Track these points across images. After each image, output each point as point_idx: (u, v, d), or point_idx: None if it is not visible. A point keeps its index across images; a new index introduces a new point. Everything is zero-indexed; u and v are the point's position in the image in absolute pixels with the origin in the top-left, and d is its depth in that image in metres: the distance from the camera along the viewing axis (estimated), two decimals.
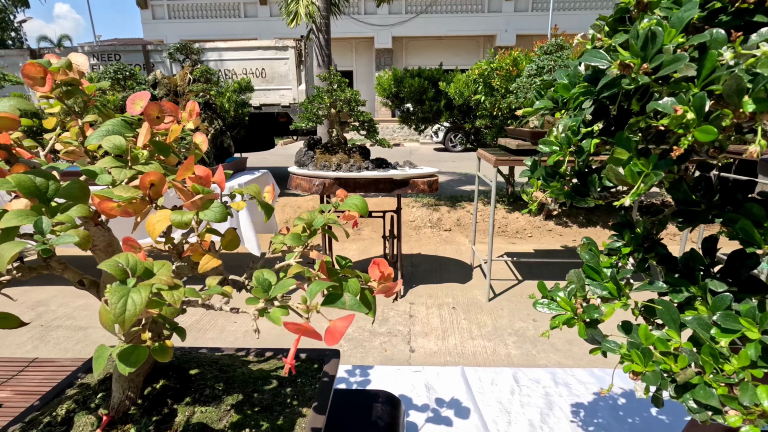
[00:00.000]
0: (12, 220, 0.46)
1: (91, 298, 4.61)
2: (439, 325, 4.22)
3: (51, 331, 3.97)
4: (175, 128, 0.63)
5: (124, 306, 0.41)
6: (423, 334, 3.97)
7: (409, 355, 3.68)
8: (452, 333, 4.06)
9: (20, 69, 0.56)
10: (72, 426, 0.71)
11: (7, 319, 0.56)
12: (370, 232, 6.98)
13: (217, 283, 0.56)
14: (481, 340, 3.96)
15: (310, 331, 0.43)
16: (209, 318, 4.10)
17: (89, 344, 3.81)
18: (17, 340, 3.78)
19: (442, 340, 3.93)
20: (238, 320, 4.00)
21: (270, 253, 0.68)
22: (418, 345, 3.77)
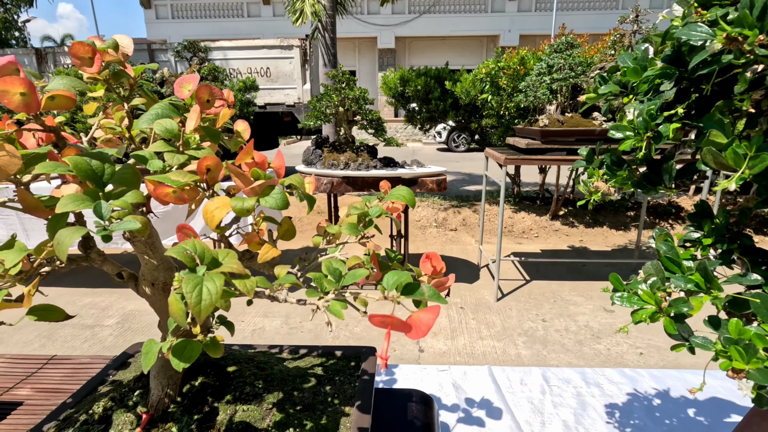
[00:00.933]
0: (69, 204, 0.43)
1: (98, 297, 4.58)
2: (448, 325, 4.19)
3: (58, 329, 3.95)
4: (225, 113, 0.60)
5: (200, 295, 0.39)
6: (432, 334, 3.93)
7: (419, 355, 3.65)
8: (461, 333, 4.02)
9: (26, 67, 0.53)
10: (110, 425, 0.68)
11: (53, 312, 0.53)
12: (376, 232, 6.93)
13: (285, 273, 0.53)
14: (490, 340, 3.93)
15: (398, 323, 0.41)
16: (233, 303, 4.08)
17: (96, 343, 3.79)
18: (25, 338, 3.76)
19: (451, 340, 3.89)
20: (246, 319, 3.97)
21: (324, 243, 0.66)
22: (427, 345, 3.74)
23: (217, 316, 0.57)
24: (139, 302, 4.41)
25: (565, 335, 3.89)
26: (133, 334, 3.83)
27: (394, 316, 0.41)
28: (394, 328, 0.41)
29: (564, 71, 4.38)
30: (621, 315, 4.12)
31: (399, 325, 0.41)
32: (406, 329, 0.41)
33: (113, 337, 3.81)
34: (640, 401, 1.19)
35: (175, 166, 0.52)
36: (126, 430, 0.68)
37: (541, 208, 7.19)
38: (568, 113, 4.50)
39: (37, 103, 0.47)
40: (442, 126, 14.78)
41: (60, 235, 0.41)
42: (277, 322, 3.98)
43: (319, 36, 7.89)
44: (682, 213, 6.84)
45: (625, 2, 19.57)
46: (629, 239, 6.34)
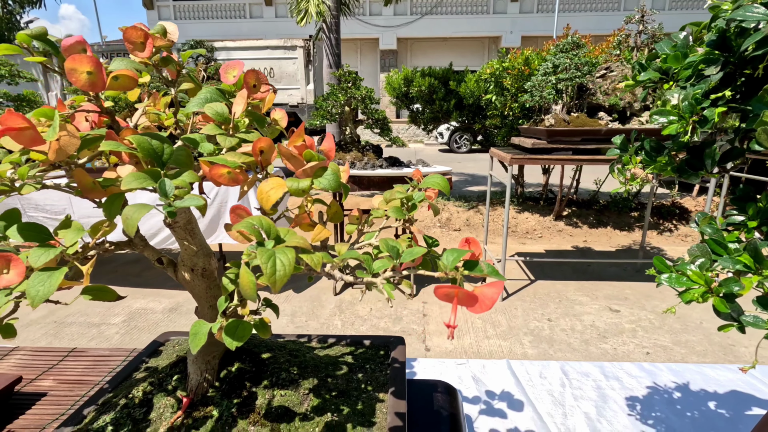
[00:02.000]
0: (132, 182, 0.44)
1: None
2: None
3: (64, 327, 3.95)
4: (271, 97, 0.61)
5: (274, 266, 0.39)
6: (438, 333, 3.94)
7: (425, 353, 3.65)
8: (467, 332, 4.02)
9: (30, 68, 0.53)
10: (152, 408, 0.69)
11: (106, 292, 0.54)
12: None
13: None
14: (496, 339, 3.93)
15: (464, 295, 0.41)
16: None
17: (103, 341, 3.79)
18: (31, 336, 3.76)
19: (457, 339, 3.90)
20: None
21: (368, 227, 0.66)
22: (434, 344, 3.74)
23: (263, 299, 0.58)
24: (144, 301, 4.42)
25: (571, 335, 3.89)
26: (139, 333, 3.83)
27: (460, 288, 0.41)
28: (460, 301, 0.41)
29: (570, 71, 4.39)
30: (626, 315, 4.13)
31: (465, 297, 0.41)
32: (472, 302, 0.41)
33: (119, 335, 3.81)
34: (660, 394, 1.19)
35: (229, 148, 0.52)
36: (167, 413, 0.68)
37: (545, 209, 7.20)
38: (574, 113, 4.51)
39: (103, 82, 0.48)
40: (445, 127, 14.79)
41: (128, 211, 0.42)
42: (283, 320, 3.98)
43: (323, 36, 7.91)
44: (686, 214, 6.84)
45: (627, 4, 19.61)
46: (633, 239, 6.34)
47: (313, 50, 9.21)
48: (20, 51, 0.49)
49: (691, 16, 19.36)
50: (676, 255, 5.82)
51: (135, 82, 0.52)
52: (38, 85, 8.36)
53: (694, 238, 6.26)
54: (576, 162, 4.25)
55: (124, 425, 0.67)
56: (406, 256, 0.49)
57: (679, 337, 3.90)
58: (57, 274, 0.45)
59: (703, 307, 4.25)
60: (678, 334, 3.94)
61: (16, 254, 0.44)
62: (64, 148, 0.46)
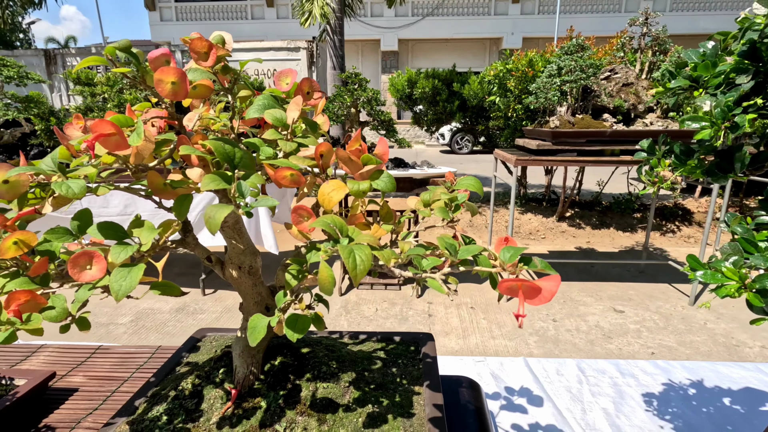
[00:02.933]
0: (210, 183, 0.47)
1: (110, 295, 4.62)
2: (459, 324, 4.22)
3: (72, 326, 3.97)
4: (322, 103, 0.64)
5: (355, 261, 0.43)
6: (443, 334, 3.97)
7: None
8: (473, 332, 4.05)
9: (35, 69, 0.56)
10: (202, 399, 0.72)
11: (171, 288, 0.57)
12: None
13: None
14: (502, 339, 3.96)
15: (528, 287, 0.44)
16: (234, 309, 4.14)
17: (111, 340, 3.82)
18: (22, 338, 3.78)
19: (462, 339, 3.93)
20: None
21: (413, 225, 0.69)
22: (440, 344, 3.77)
23: (315, 294, 0.61)
24: (151, 301, 4.44)
25: (576, 335, 3.92)
26: (147, 332, 3.86)
27: (523, 280, 0.45)
28: (524, 292, 0.44)
29: (575, 73, 4.43)
30: (631, 315, 4.15)
31: (528, 289, 0.44)
32: (535, 294, 0.44)
33: (127, 335, 3.84)
34: (675, 391, 1.22)
35: (282, 153, 0.55)
36: (217, 404, 0.71)
37: (548, 210, 7.23)
38: (579, 115, 4.55)
39: (186, 91, 0.51)
40: (447, 128, 14.84)
41: (210, 211, 0.45)
42: None
43: (327, 38, 7.94)
44: (688, 215, 6.88)
45: (628, 5, 19.68)
46: (636, 241, 6.37)
47: (316, 52, 9.25)
48: (105, 62, 0.52)
49: (692, 19, 19.43)
50: (679, 256, 5.86)
51: (210, 90, 0.56)
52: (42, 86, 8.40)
53: (697, 240, 6.30)
54: (581, 163, 4.28)
55: (177, 415, 0.70)
56: (463, 252, 0.52)
57: (683, 338, 3.93)
58: (137, 270, 0.48)
59: (707, 308, 4.28)
60: (683, 335, 3.97)
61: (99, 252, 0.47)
62: (141, 151, 0.49)
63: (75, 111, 5.84)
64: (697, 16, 19.56)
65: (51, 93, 8.78)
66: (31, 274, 0.51)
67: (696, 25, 19.20)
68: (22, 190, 0.50)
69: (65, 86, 8.82)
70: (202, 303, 4.55)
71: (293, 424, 0.67)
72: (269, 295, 0.75)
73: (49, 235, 0.52)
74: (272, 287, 0.77)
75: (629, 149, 4.28)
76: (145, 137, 0.49)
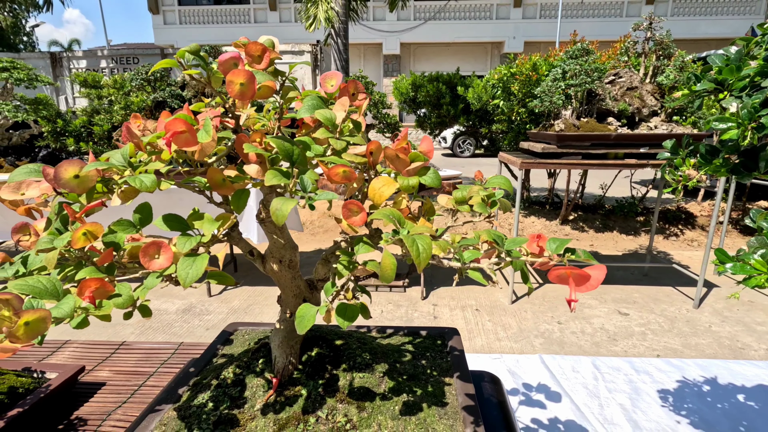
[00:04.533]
0: (273, 179, 0.50)
1: None
2: (464, 326, 4.23)
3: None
4: (365, 104, 0.67)
5: (418, 249, 0.46)
6: None
7: None
8: (478, 334, 4.07)
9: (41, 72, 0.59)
10: (245, 387, 0.75)
11: (226, 278, 0.60)
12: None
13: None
14: (507, 341, 3.98)
15: (577, 275, 0.47)
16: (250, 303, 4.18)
17: (119, 340, 3.83)
18: (48, 334, 3.81)
19: (468, 341, 3.94)
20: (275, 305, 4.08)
21: (453, 221, 0.73)
22: None
23: (358, 286, 0.64)
24: (157, 302, 4.47)
25: (582, 337, 3.94)
26: (154, 333, 3.88)
27: (572, 268, 0.48)
28: (574, 279, 0.47)
29: (580, 77, 4.47)
30: (636, 318, 4.18)
31: (578, 277, 0.47)
32: (584, 281, 0.47)
33: (134, 335, 3.86)
34: (690, 388, 1.25)
35: (332, 150, 0.59)
36: (260, 392, 0.74)
37: (551, 213, 7.26)
38: (584, 118, 4.58)
39: (253, 92, 0.54)
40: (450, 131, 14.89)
41: (277, 203, 0.48)
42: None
43: (331, 42, 8.00)
44: (691, 219, 6.90)
45: (629, 10, 19.77)
46: (639, 244, 6.39)
47: (320, 55, 9.30)
48: (176, 64, 0.55)
49: (693, 23, 19.52)
50: (683, 259, 5.88)
51: (272, 91, 0.59)
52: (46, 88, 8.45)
53: (700, 243, 6.33)
54: (586, 166, 4.32)
55: (222, 402, 0.73)
56: (509, 244, 0.55)
57: (688, 340, 3.96)
58: (201, 259, 0.51)
59: (711, 310, 4.30)
60: (687, 338, 4.00)
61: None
62: (205, 148, 0.52)
63: (81, 113, 5.89)
64: (698, 21, 19.65)
65: (57, 95, 8.84)
66: (98, 263, 0.54)
67: (697, 30, 19.29)
68: (91, 184, 0.53)
69: (71, 89, 8.88)
70: (208, 304, 4.58)
71: (334, 411, 0.70)
72: (307, 288, 0.78)
73: (115, 227, 0.55)
74: (309, 281, 0.80)
75: (633, 152, 4.32)
76: (210, 136, 0.52)
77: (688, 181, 0.75)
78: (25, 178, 0.55)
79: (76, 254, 0.57)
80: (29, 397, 1.05)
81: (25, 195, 0.61)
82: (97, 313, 0.51)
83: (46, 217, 0.60)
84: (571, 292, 0.46)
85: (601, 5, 19.95)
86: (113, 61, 9.29)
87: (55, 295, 0.50)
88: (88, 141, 5.76)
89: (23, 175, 0.55)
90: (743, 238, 6.58)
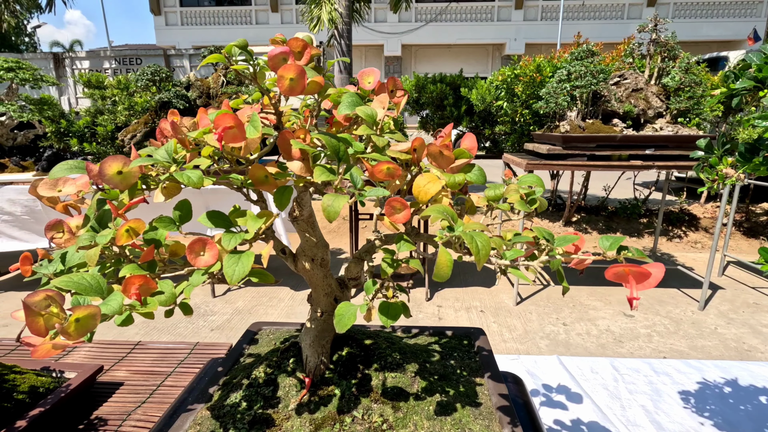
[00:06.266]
0: (321, 175, 0.50)
1: None
2: None
3: None
4: (404, 100, 0.67)
5: (477, 246, 0.45)
6: None
7: None
8: None
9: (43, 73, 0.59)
10: (277, 387, 0.74)
11: (266, 276, 0.59)
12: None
13: None
14: (513, 343, 3.97)
15: (636, 272, 0.47)
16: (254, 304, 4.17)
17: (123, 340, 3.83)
18: None
19: None
20: (279, 305, 4.08)
21: (491, 218, 0.72)
22: None
23: (395, 284, 0.64)
24: None
25: (587, 339, 3.93)
26: (158, 334, 3.87)
27: (631, 265, 0.47)
28: (634, 276, 0.47)
29: (585, 78, 4.47)
30: (641, 320, 4.17)
31: (638, 274, 0.47)
32: (643, 278, 0.47)
33: (139, 336, 3.85)
34: (711, 389, 1.24)
35: (371, 146, 0.58)
36: (293, 391, 0.73)
37: (554, 215, 7.25)
38: (589, 119, 4.58)
39: (302, 87, 0.54)
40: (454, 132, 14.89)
41: (329, 200, 0.47)
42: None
43: (334, 43, 8.00)
44: (694, 221, 6.91)
45: (630, 13, 19.80)
46: (643, 245, 6.39)
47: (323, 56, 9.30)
48: (223, 59, 0.55)
49: (695, 26, 19.56)
50: (687, 261, 5.88)
51: (320, 86, 0.58)
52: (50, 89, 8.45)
53: (704, 245, 6.33)
54: (591, 168, 4.32)
55: (256, 401, 0.72)
56: (559, 241, 0.55)
57: (694, 342, 3.95)
58: (247, 256, 0.50)
59: (717, 312, 4.30)
60: (693, 339, 3.99)
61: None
62: (249, 144, 0.52)
63: (85, 113, 5.88)
64: (699, 23, 19.70)
65: (59, 96, 8.84)
66: (141, 260, 0.53)
67: (698, 32, 19.33)
68: (133, 180, 0.52)
69: (74, 89, 8.87)
70: (212, 305, 4.57)
71: (369, 410, 0.70)
72: (338, 287, 0.77)
73: (158, 223, 0.54)
74: (340, 279, 0.79)
75: (638, 154, 4.32)
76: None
77: (724, 179, 0.75)
78: (67, 174, 0.54)
79: (114, 252, 0.57)
80: (50, 397, 1.04)
81: (62, 192, 0.60)
82: (141, 311, 0.51)
83: (84, 214, 0.60)
84: (632, 290, 0.46)
85: (602, 7, 19.99)
86: (116, 61, 9.29)
87: (99, 292, 0.49)
88: (91, 141, 5.76)
89: (64, 171, 0.54)
90: (747, 240, 6.58)
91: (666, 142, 4.34)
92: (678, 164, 4.18)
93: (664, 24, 4.75)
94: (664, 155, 4.27)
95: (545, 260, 0.56)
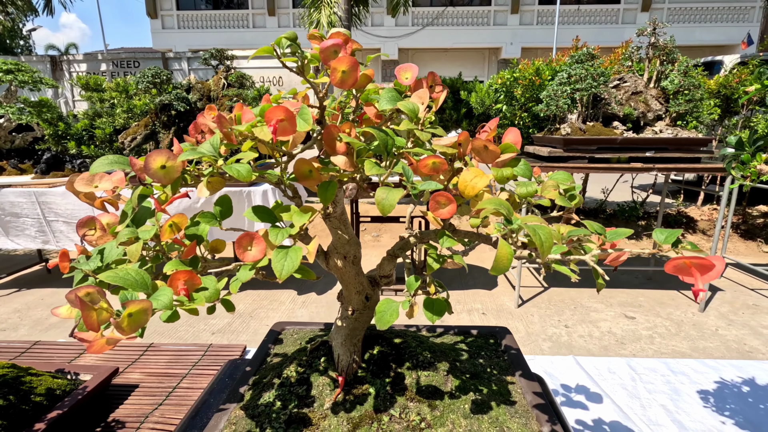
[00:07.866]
0: (372, 169, 0.49)
1: None
2: None
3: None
4: (443, 96, 0.66)
5: (541, 238, 0.45)
6: None
7: None
8: None
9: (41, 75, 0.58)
10: (311, 386, 0.73)
11: (309, 272, 0.59)
12: (389, 239, 6.97)
13: None
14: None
15: (698, 263, 0.46)
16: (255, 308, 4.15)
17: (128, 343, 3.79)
18: (60, 336, 3.76)
19: None
20: (280, 308, 4.06)
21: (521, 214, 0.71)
22: None
23: (436, 282, 0.63)
24: None
25: (590, 341, 3.93)
26: (159, 337, 3.84)
27: (692, 257, 0.47)
28: (697, 268, 0.46)
29: (586, 81, 4.49)
30: (642, 322, 4.18)
31: (700, 266, 0.46)
32: (707, 270, 0.46)
33: (145, 336, 3.82)
34: (729, 389, 1.24)
35: (412, 142, 0.58)
36: (326, 390, 0.73)
37: (552, 217, 7.28)
38: (589, 122, 4.61)
39: (354, 80, 0.53)
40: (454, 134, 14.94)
41: (383, 193, 0.47)
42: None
43: None
44: (692, 223, 6.95)
45: (625, 17, 19.97)
46: (641, 248, 6.38)
47: None
48: (272, 51, 0.54)
49: (688, 30, 19.75)
50: None
51: (370, 79, 0.58)
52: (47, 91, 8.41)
53: (702, 247, 6.36)
54: (592, 170, 4.33)
55: (290, 401, 0.71)
56: (611, 236, 0.55)
57: (696, 344, 3.96)
58: (295, 251, 0.50)
59: (717, 314, 4.32)
60: (695, 341, 4.00)
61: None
62: (294, 140, 0.51)
63: (83, 116, 5.84)
64: (693, 28, 19.89)
65: (56, 99, 8.79)
66: (183, 256, 0.52)
67: (692, 37, 19.52)
68: (176, 175, 0.52)
69: (71, 92, 8.83)
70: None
71: (406, 409, 0.69)
72: (369, 285, 0.77)
73: (200, 218, 0.54)
74: (371, 277, 0.78)
75: (638, 156, 4.35)
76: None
77: (759, 176, 0.75)
78: (108, 168, 0.53)
79: (153, 247, 0.56)
80: (67, 399, 1.03)
81: (98, 187, 0.59)
82: (188, 306, 0.50)
83: (121, 209, 0.59)
84: (697, 282, 0.45)
85: (598, 12, 20.15)
86: (114, 64, 9.26)
87: (144, 287, 0.48)
88: (89, 144, 5.71)
89: (106, 165, 0.53)
90: (744, 242, 6.63)
91: (666, 145, 4.37)
92: (678, 167, 4.21)
93: (662, 28, 4.79)
94: (664, 158, 4.30)
95: (596, 254, 0.56)
